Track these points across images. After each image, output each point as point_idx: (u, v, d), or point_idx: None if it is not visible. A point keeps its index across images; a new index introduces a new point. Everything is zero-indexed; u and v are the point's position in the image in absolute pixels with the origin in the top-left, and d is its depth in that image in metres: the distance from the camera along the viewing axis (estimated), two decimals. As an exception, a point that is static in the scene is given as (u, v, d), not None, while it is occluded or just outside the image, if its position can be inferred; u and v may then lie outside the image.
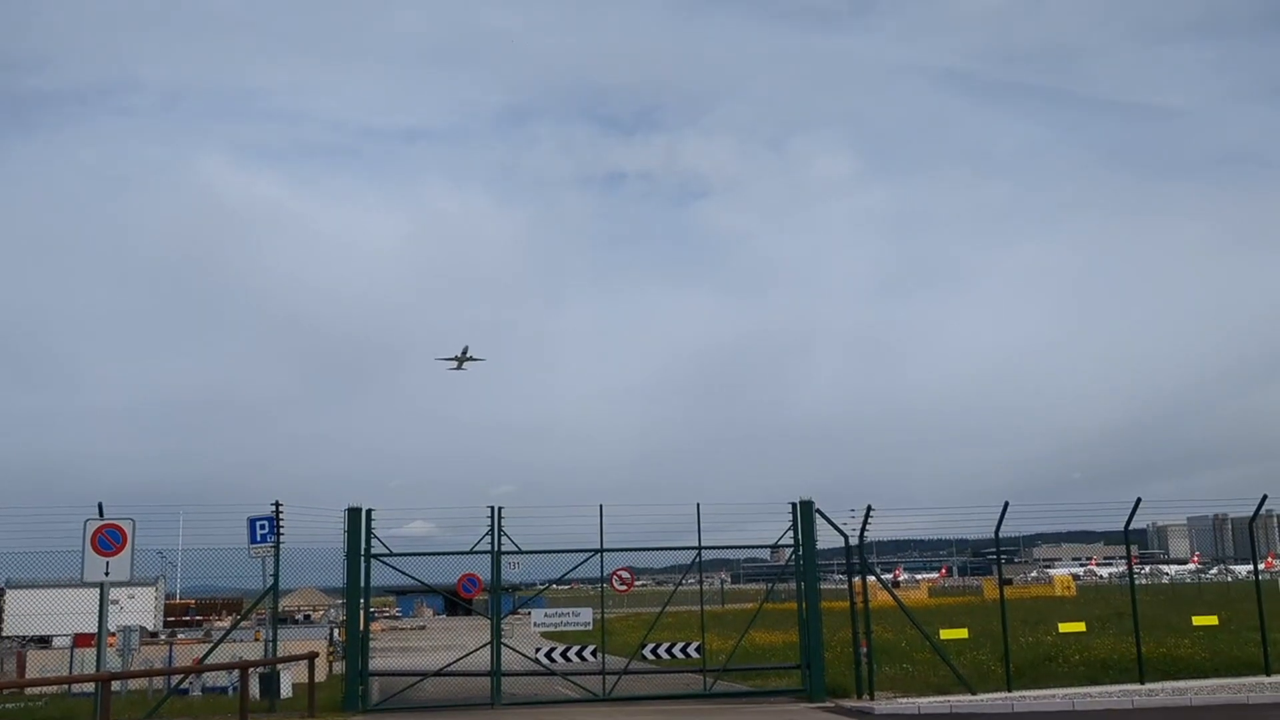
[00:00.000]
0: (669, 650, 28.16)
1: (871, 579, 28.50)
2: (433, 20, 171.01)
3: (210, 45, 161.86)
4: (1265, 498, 28.12)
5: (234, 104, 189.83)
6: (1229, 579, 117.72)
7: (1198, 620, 30.26)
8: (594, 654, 27.40)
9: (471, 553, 26.71)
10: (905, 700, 25.44)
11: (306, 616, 70.08)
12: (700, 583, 29.66)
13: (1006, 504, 26.71)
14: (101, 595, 20.48)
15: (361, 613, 26.05)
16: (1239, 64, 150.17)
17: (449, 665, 27.49)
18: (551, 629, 29.07)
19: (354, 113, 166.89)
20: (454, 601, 58.30)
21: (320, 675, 29.10)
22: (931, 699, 25.34)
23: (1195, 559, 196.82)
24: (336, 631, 40.24)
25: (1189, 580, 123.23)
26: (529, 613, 28.06)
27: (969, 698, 25.50)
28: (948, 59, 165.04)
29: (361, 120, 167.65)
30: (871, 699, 26.06)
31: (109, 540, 20.24)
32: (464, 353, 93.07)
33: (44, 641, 43.33)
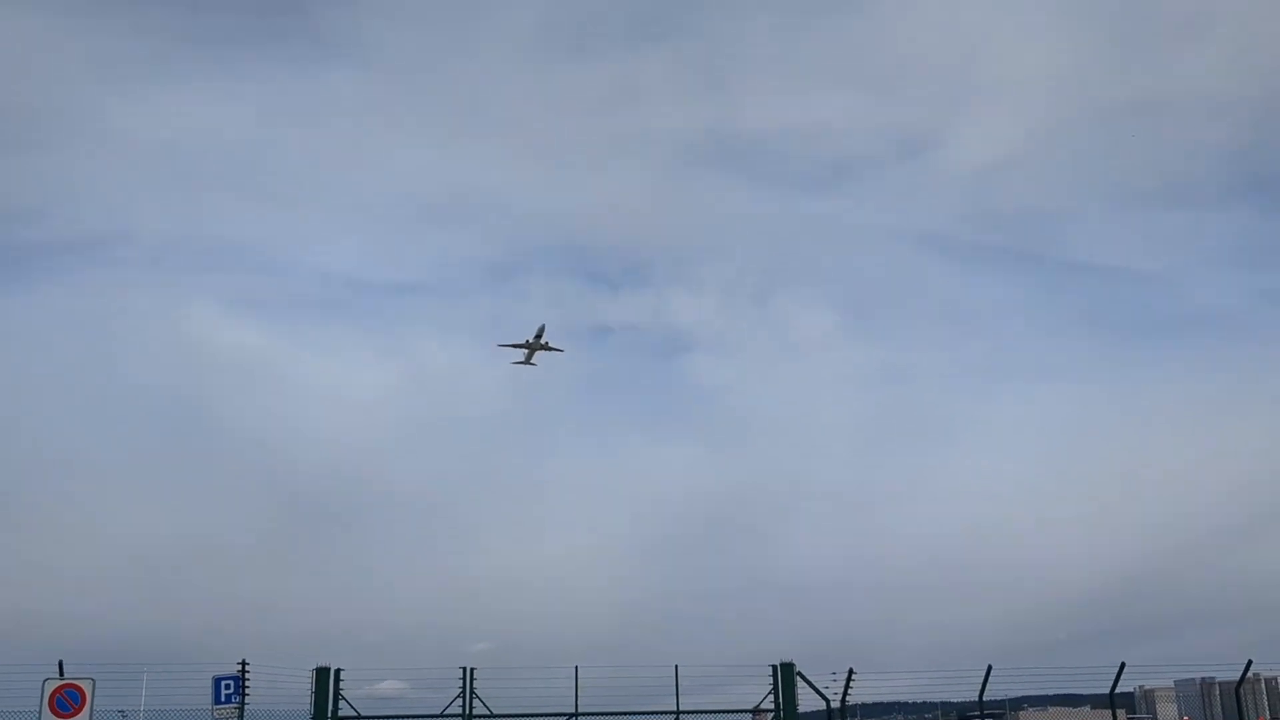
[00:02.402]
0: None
1: (854, 745, 27.71)
2: (424, 178, 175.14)
3: (203, 198, 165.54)
4: (1250, 663, 27.72)
5: (225, 256, 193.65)
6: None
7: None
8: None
9: (442, 716, 25.92)
10: None
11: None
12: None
13: (990, 667, 26.25)
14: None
15: (326, 779, 25.06)
16: (1208, 231, 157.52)
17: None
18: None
19: (344, 266, 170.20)
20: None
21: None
22: None
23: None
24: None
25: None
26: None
27: None
28: (926, 222, 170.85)
29: (351, 273, 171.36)
30: None
31: (67, 701, 19.61)
32: (538, 337, 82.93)
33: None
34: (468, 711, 26.21)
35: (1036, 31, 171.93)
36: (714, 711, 30.40)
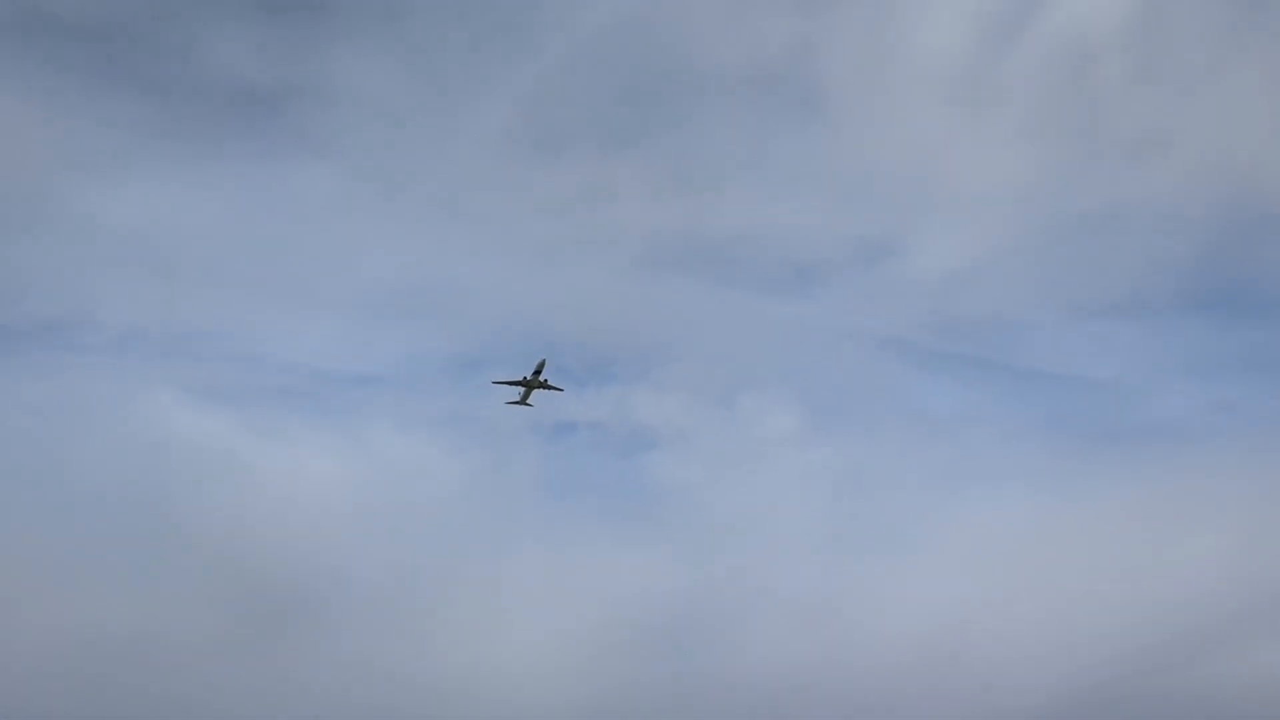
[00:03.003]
0: None
1: None
2: (392, 272, 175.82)
3: (169, 287, 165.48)
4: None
5: (189, 345, 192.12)
6: None
7: None
8: None
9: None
10: None
11: None
12: None
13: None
14: None
15: None
16: (1163, 342, 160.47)
17: None
18: None
19: (308, 357, 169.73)
20: None
21: None
22: None
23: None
24: None
25: None
26: None
27: None
28: (889, 327, 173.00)
29: (315, 365, 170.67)
30: None
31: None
32: (536, 373, 75.62)
33: None
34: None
35: (998, 144, 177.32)
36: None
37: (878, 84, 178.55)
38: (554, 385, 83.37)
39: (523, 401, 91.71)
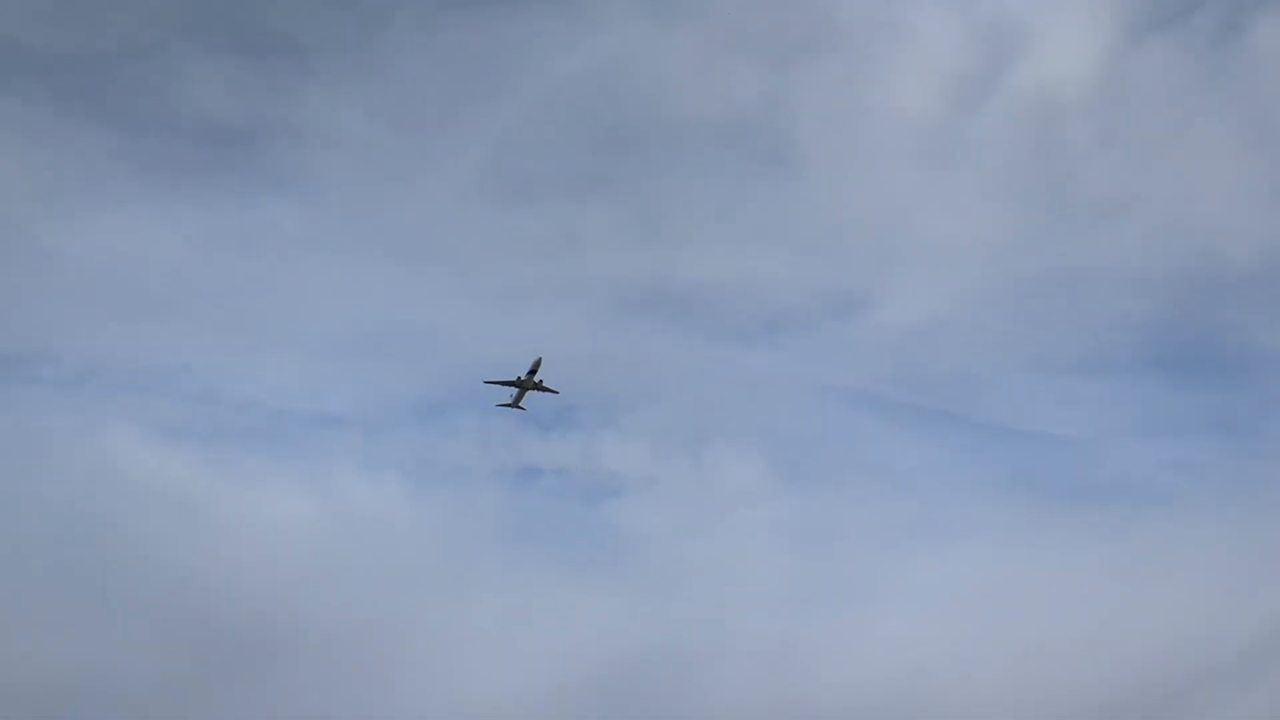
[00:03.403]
0: None
1: None
2: (359, 312, 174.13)
3: (131, 322, 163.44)
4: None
5: (148, 381, 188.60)
6: None
7: None
8: None
9: None
10: None
11: None
12: None
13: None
14: None
15: None
16: (1124, 401, 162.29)
17: None
18: None
19: (271, 396, 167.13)
20: None
21: None
22: None
23: None
24: None
25: None
26: None
27: None
28: (855, 379, 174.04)
29: (278, 404, 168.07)
30: None
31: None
32: (531, 373, 70.64)
33: None
34: None
35: (966, 202, 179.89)
36: None
37: (849, 138, 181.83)
38: (549, 387, 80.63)
39: (515, 404, 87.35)
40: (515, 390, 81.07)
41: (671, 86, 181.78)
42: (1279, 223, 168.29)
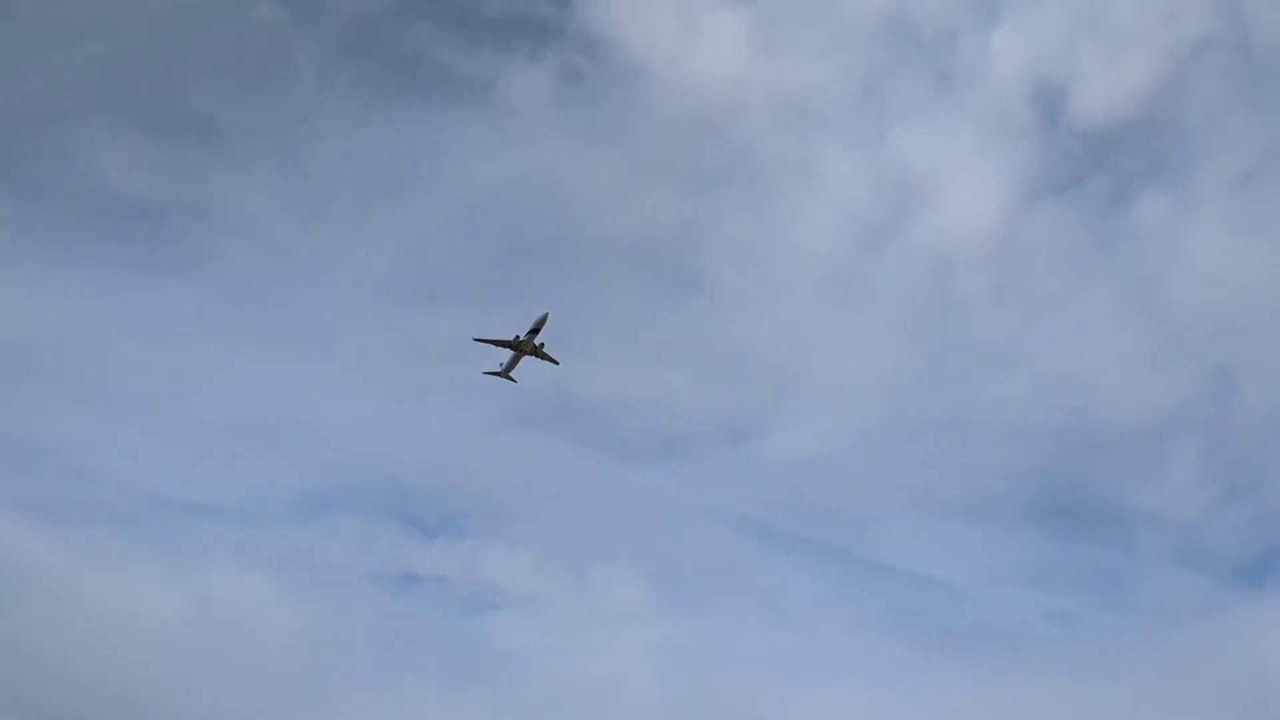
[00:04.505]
0: None
1: None
2: (250, 400, 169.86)
3: (12, 395, 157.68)
4: None
5: (16, 454, 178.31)
6: None
7: None
8: None
9: None
10: None
11: None
12: None
13: None
14: None
15: None
16: (1003, 548, 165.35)
17: None
18: None
19: (148, 480, 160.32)
20: None
21: None
22: None
23: None
24: None
25: None
26: None
27: None
28: (746, 506, 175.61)
29: (151, 489, 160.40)
30: None
31: None
32: (533, 332, 59.23)
33: None
34: None
35: (863, 340, 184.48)
36: None
37: (756, 270, 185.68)
38: (550, 355, 70.71)
39: (505, 374, 71.81)
40: (509, 355, 69.48)
41: (589, 204, 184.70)
42: (1153, 388, 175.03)
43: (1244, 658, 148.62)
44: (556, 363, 73.49)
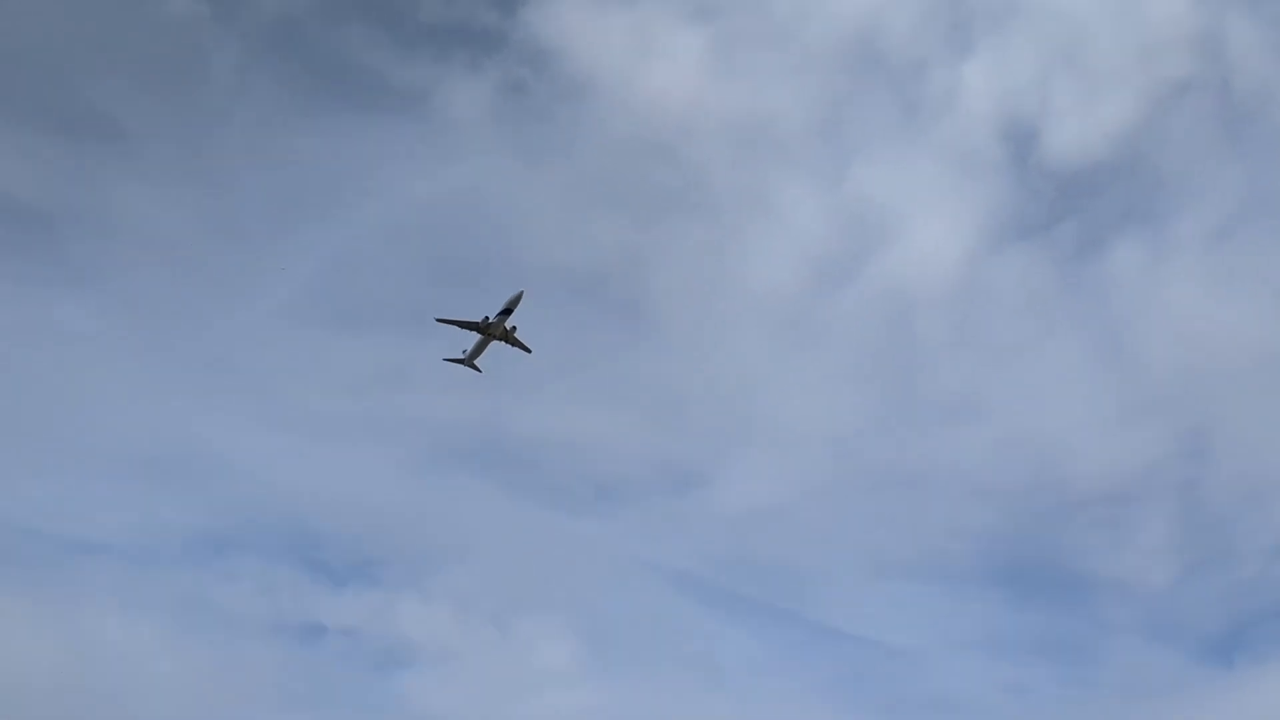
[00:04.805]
0: None
1: None
2: (145, 429, 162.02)
3: None
4: None
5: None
6: None
7: None
8: None
9: None
10: None
11: None
12: None
13: None
14: None
15: None
16: (959, 614, 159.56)
17: None
18: None
19: (25, 514, 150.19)
20: None
21: None
22: None
23: None
24: None
25: None
26: None
27: None
28: (685, 561, 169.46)
29: (28, 523, 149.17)
30: None
31: None
32: (505, 313, 54.00)
33: None
34: None
35: (817, 386, 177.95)
36: None
37: (706, 305, 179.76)
38: (522, 343, 63.52)
39: (469, 361, 64.34)
40: (475, 339, 61.53)
41: (529, 227, 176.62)
42: (1122, 447, 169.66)
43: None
44: (529, 350, 66.14)
